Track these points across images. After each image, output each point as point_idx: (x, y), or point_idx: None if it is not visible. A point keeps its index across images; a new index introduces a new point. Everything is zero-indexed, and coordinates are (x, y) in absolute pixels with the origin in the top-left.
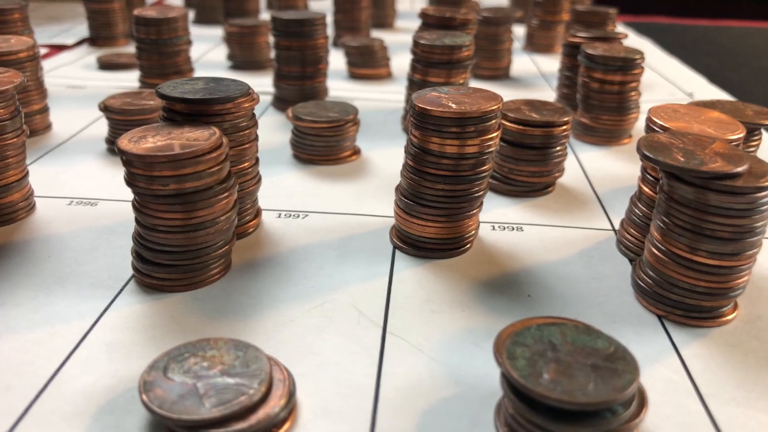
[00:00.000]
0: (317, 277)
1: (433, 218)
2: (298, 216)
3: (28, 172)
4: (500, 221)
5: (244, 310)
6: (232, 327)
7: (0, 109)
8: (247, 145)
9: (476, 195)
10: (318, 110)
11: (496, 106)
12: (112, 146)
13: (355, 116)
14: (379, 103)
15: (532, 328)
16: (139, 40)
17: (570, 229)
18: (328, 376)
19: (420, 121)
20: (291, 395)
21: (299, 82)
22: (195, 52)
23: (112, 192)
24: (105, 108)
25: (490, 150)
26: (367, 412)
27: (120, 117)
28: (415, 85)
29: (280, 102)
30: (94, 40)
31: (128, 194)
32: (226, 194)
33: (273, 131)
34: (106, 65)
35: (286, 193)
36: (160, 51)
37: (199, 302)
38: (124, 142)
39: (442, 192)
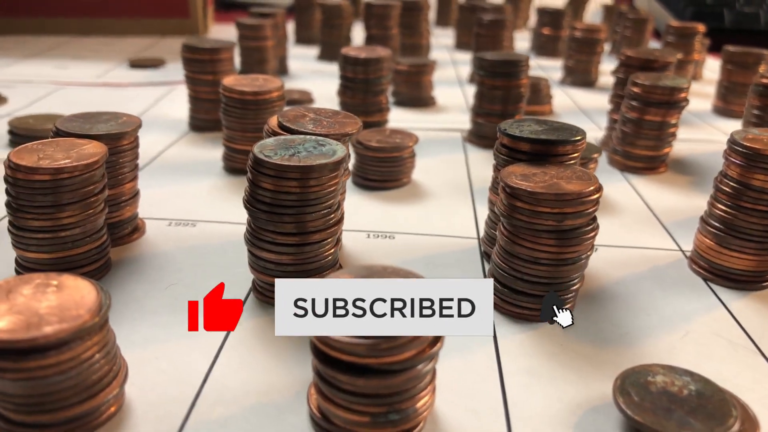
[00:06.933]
0: (657, 308)
1: (753, 251)
2: None
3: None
4: None
5: (621, 339)
6: (625, 353)
7: None
8: None
9: None
10: None
11: None
12: (361, 179)
13: (598, 155)
14: None
15: None
16: (346, 78)
17: None
18: (753, 402)
19: (747, 159)
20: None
21: (499, 120)
22: None
23: (392, 224)
24: (359, 143)
25: None
26: None
27: (372, 153)
28: (630, 123)
29: (477, 138)
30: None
31: (419, 227)
32: (593, 233)
33: (480, 165)
34: None
35: None
36: (366, 90)
37: (569, 332)
38: (513, 179)
39: (760, 226)
